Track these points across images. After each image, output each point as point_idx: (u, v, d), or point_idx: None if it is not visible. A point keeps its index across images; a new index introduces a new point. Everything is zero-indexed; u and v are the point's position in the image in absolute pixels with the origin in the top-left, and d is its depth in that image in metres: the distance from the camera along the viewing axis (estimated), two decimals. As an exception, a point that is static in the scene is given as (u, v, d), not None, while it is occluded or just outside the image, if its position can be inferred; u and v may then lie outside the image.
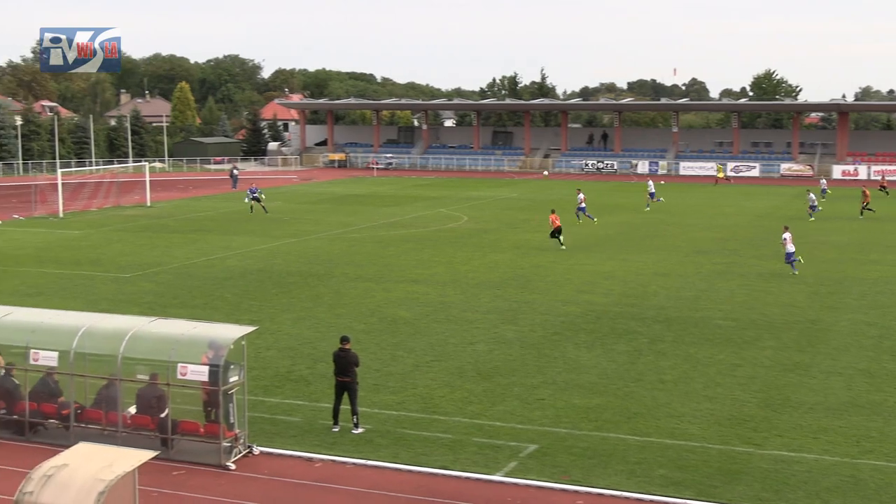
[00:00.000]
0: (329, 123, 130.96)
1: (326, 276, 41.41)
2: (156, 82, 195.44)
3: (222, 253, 48.30)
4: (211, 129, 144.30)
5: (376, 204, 73.50)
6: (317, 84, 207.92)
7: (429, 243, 51.65)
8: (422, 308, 34.66)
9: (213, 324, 23.52)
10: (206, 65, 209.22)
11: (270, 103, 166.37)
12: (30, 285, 39.54)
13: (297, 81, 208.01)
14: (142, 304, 35.25)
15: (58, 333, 21.91)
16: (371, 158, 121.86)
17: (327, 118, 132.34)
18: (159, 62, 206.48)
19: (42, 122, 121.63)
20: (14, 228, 59.71)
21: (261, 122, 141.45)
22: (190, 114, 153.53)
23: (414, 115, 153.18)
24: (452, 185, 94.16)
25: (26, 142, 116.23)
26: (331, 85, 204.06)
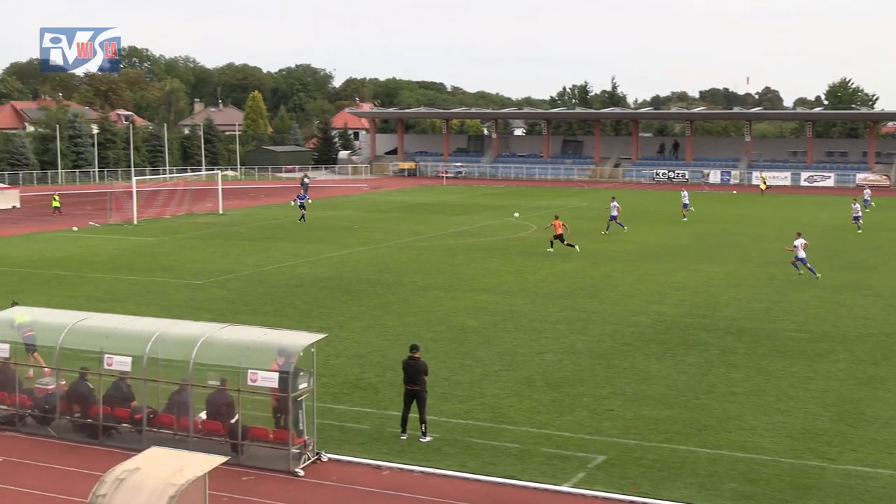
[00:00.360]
0: (399, 132, 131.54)
1: (395, 284, 41.54)
2: (229, 91, 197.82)
3: (293, 260, 48.69)
4: (282, 137, 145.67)
5: (445, 213, 73.64)
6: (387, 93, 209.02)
7: (498, 252, 51.59)
8: (490, 317, 34.62)
9: (284, 331, 23.71)
10: (278, 74, 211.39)
11: (341, 112, 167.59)
12: (104, 291, 40.20)
13: (368, 90, 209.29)
14: (213, 310, 35.65)
15: (131, 339, 22.22)
16: (440, 167, 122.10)
17: (397, 127, 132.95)
18: (232, 72, 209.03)
19: (118, 130, 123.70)
20: (90, 235, 60.76)
21: (332, 130, 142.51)
22: (262, 122, 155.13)
23: (484, 123, 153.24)
24: (522, 194, 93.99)
25: (102, 150, 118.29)
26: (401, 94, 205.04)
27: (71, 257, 50.60)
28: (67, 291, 40.07)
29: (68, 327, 22.72)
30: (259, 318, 33.35)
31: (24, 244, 56.41)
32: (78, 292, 39.81)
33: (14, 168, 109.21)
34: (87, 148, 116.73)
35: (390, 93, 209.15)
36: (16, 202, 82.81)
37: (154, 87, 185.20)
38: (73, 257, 50.59)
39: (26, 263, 48.36)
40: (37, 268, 46.87)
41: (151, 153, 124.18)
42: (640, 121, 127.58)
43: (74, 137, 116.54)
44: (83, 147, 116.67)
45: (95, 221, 68.26)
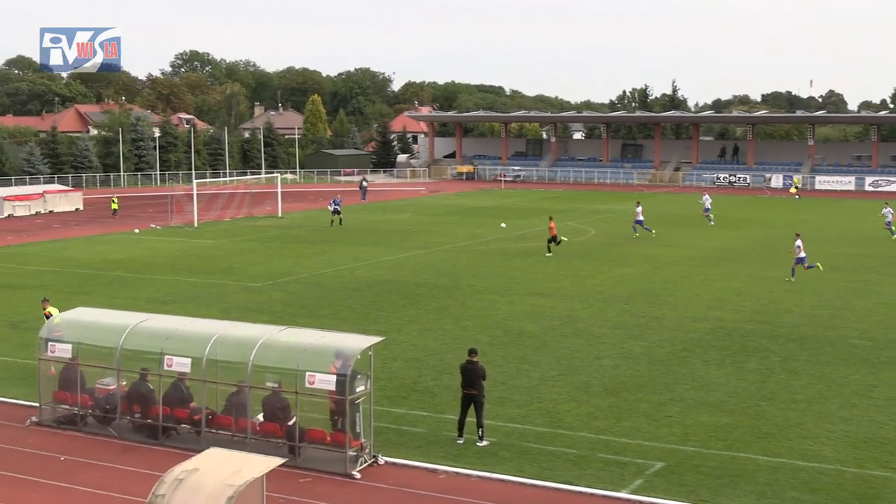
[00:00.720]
0: (458, 136, 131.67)
1: (453, 287, 41.57)
2: (289, 95, 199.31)
3: (351, 263, 48.91)
4: (341, 141, 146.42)
5: (503, 216, 73.58)
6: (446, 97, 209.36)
7: (555, 257, 51.43)
8: (548, 321, 34.52)
9: (341, 334, 23.82)
10: (337, 78, 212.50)
11: (400, 116, 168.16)
12: (165, 293, 40.67)
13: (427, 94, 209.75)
14: (272, 312, 35.92)
15: (191, 340, 22.44)
16: (499, 171, 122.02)
17: (456, 130, 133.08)
18: (292, 75, 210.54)
19: (179, 134, 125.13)
20: (151, 237, 61.51)
21: (390, 134, 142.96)
22: (321, 126, 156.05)
23: (542, 127, 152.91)
24: (580, 198, 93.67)
25: (164, 153, 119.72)
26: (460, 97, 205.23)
27: (132, 259, 51.26)
28: (129, 293, 40.59)
29: (129, 328, 23.00)
30: (316, 321, 33.53)
31: (87, 246, 57.24)
32: (139, 294, 40.31)
33: (77, 171, 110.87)
34: (148, 151, 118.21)
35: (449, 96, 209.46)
36: (79, 204, 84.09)
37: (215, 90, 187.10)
38: (134, 259, 51.25)
39: (89, 265, 49.07)
40: (100, 269, 47.54)
41: (212, 156, 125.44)
42: (701, 124, 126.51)
43: (137, 140, 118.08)
44: (145, 150, 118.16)
45: (156, 224, 69.10)
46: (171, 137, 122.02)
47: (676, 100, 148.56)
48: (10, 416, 23.90)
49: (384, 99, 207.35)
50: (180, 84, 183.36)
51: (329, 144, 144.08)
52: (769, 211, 78.31)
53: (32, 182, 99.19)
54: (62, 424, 23.16)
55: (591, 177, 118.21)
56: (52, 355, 23.55)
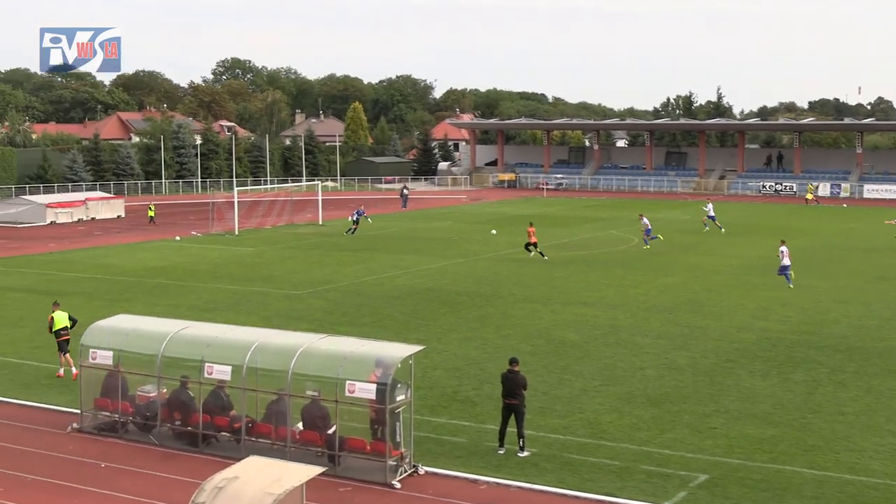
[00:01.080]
0: (499, 143, 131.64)
1: (494, 296, 41.54)
2: (330, 102, 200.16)
3: (391, 272, 49.01)
4: (382, 148, 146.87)
5: (545, 224, 73.42)
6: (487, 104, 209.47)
7: (598, 265, 51.28)
8: (590, 331, 34.41)
9: (382, 342, 23.87)
10: (378, 85, 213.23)
11: (441, 123, 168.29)
12: (205, 300, 40.94)
13: (468, 101, 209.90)
14: (312, 320, 36.05)
15: (231, 348, 22.57)
16: (541, 179, 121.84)
17: (498, 138, 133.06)
18: (334, 83, 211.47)
19: (220, 141, 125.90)
20: (192, 245, 61.96)
21: (431, 141, 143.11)
22: (362, 133, 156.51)
23: (585, 135, 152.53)
24: (623, 206, 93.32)
25: (205, 160, 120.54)
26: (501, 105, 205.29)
27: (174, 266, 51.66)
28: (170, 300, 40.90)
29: (170, 336, 23.17)
30: (357, 329, 33.62)
31: (128, 253, 57.75)
32: (180, 301, 40.61)
33: (119, 178, 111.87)
34: (190, 158, 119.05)
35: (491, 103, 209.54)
36: (121, 212, 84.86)
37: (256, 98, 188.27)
38: (175, 266, 51.64)
39: (131, 272, 49.51)
40: (141, 276, 47.95)
41: (253, 164, 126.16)
42: (747, 132, 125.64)
43: (178, 148, 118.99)
44: (186, 157, 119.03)
45: (197, 231, 69.58)
46: (212, 145, 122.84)
47: (721, 107, 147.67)
48: (52, 423, 24.15)
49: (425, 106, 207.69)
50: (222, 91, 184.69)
51: (370, 152, 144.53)
52: (816, 220, 77.62)
53: (75, 189, 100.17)
54: (103, 431, 23.36)
55: (635, 185, 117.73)
56: (94, 362, 23.77)
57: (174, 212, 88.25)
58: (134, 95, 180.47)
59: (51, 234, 69.50)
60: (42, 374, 28.79)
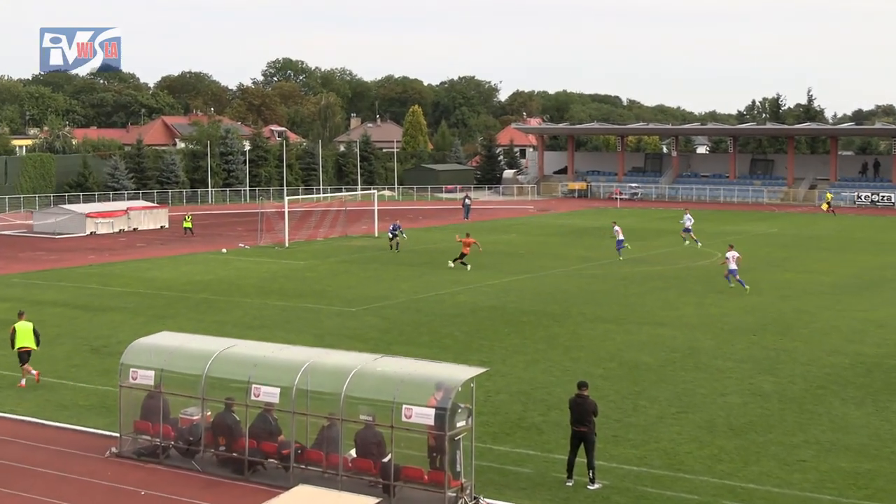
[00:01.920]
0: (570, 150, 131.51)
1: (563, 315, 41.41)
2: (387, 106, 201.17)
3: (452, 287, 49.05)
4: (443, 155, 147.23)
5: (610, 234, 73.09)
6: (557, 107, 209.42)
7: (676, 282, 50.93)
8: (667, 353, 34.17)
9: (441, 364, 23.86)
10: (439, 87, 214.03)
11: (507, 128, 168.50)
12: (253, 317, 41.25)
13: (536, 104, 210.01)
14: (367, 339, 36.17)
15: (280, 369, 22.66)
16: (614, 188, 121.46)
17: (568, 144, 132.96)
18: (391, 85, 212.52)
19: (270, 147, 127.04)
20: (239, 257, 62.49)
21: (496, 147, 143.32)
22: (422, 139, 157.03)
23: (662, 140, 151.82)
24: (704, 218, 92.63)
25: (254, 168, 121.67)
26: (572, 108, 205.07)
27: (220, 280, 52.14)
28: (216, 316, 41.27)
29: (215, 355, 23.33)
30: (415, 350, 33.68)
31: (172, 266, 58.39)
32: (226, 317, 40.96)
33: (163, 186, 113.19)
34: (238, 165, 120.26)
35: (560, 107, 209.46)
36: (164, 222, 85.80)
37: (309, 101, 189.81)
38: (221, 280, 52.12)
39: (175, 286, 50.04)
40: (185, 291, 48.45)
41: (305, 171, 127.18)
42: (840, 137, 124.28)
43: (225, 154, 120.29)
44: (234, 164, 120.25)
45: (245, 243, 70.16)
46: (261, 151, 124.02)
47: (812, 110, 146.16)
48: (90, 447, 24.41)
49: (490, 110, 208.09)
50: (272, 94, 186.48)
51: (430, 159, 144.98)
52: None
53: (116, 198, 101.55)
54: (143, 456, 23.56)
55: (717, 195, 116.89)
56: (134, 382, 23.98)
57: (221, 222, 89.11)
58: (179, 98, 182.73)
59: (91, 246, 70.47)
60: (80, 395, 29.14)
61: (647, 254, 63.22)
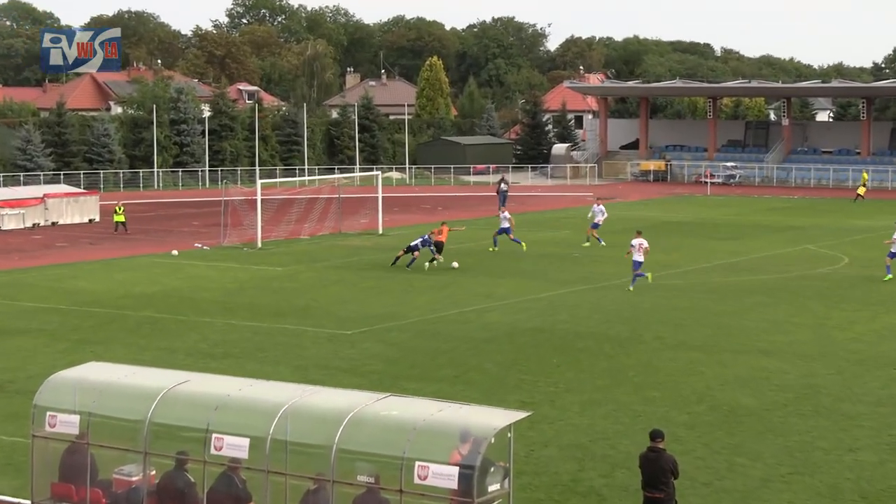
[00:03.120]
0: (642, 117, 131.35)
1: (632, 340, 41.33)
2: (396, 57, 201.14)
3: (481, 303, 49.02)
4: (471, 123, 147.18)
5: (708, 236, 72.98)
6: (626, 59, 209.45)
7: (787, 296, 50.78)
8: (775, 393, 34.06)
9: (467, 406, 23.80)
10: (467, 33, 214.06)
11: (557, 88, 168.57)
12: (214, 342, 41.28)
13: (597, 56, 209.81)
14: (367, 373, 36.16)
15: (250, 412, 22.62)
16: (703, 168, 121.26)
17: (640, 109, 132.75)
18: (401, 29, 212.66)
19: (238, 113, 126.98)
20: (196, 262, 62.53)
21: (542, 114, 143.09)
22: (442, 102, 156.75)
23: (769, 104, 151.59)
24: (826, 208, 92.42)
25: (216, 141, 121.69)
26: (646, 60, 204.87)
27: (169, 293, 52.22)
28: (163, 341, 41.34)
29: (162, 394, 23.29)
30: (432, 387, 33.66)
31: (104, 274, 58.50)
32: (177, 343, 41.01)
33: (93, 165, 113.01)
34: (194, 137, 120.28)
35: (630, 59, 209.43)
36: (94, 214, 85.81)
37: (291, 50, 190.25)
38: (171, 293, 52.20)
39: (107, 301, 50.13)
40: (122, 307, 48.54)
41: (285, 145, 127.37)
42: None
43: (178, 123, 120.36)
44: (189, 136, 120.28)
45: (204, 243, 70.21)
46: (226, 118, 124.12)
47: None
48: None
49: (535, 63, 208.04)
50: (240, 42, 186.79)
51: (453, 129, 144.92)
52: None
53: (29, 181, 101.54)
54: (66, 530, 23.58)
55: (843, 177, 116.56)
56: (52, 430, 23.94)
57: (171, 214, 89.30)
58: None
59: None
60: (-20, 447, 29.15)
61: (747, 257, 63.01)
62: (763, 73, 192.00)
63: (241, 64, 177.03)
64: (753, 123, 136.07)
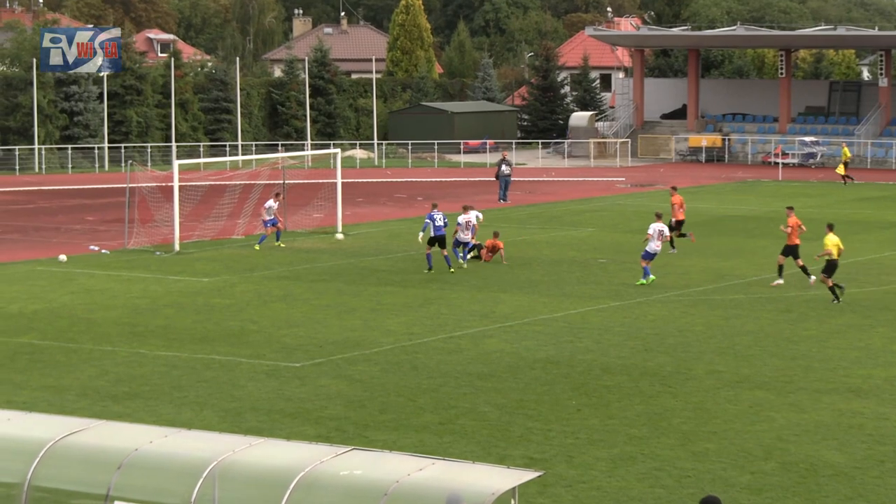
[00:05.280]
0: (691, 76, 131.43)
1: (677, 375, 41.37)
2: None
3: (476, 325, 49.07)
4: (461, 85, 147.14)
5: (780, 235, 73.08)
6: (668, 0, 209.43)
7: (887, 316, 50.85)
8: (869, 446, 34.10)
9: (457, 463, 23.87)
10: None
11: (577, 36, 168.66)
12: (117, 378, 41.20)
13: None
14: (322, 419, 36.17)
15: (165, 473, 22.67)
16: (774, 145, 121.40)
17: (688, 66, 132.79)
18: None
19: (147, 70, 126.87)
20: (92, 271, 62.41)
21: (557, 71, 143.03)
22: (423, 55, 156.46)
23: (861, 59, 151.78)
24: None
25: (117, 107, 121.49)
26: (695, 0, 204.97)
27: (56, 312, 52.14)
28: (47, 378, 41.24)
29: (46, 449, 23.32)
30: (409, 437, 33.75)
31: (-32, 286, 58.43)
32: (67, 380, 40.92)
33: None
34: (88, 104, 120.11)
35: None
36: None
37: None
38: (59, 312, 52.12)
39: (-28, 323, 50.08)
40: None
41: (210, 114, 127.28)
42: None
43: (66, 84, 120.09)
44: (82, 101, 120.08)
45: (101, 245, 70.07)
46: (131, 77, 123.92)
47: None
48: None
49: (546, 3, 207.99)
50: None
51: (437, 92, 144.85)
52: None
53: None
54: None
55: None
56: None
57: (57, 207, 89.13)
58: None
59: None
60: None
61: (834, 264, 63.12)
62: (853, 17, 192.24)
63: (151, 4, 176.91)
64: (840, 84, 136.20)
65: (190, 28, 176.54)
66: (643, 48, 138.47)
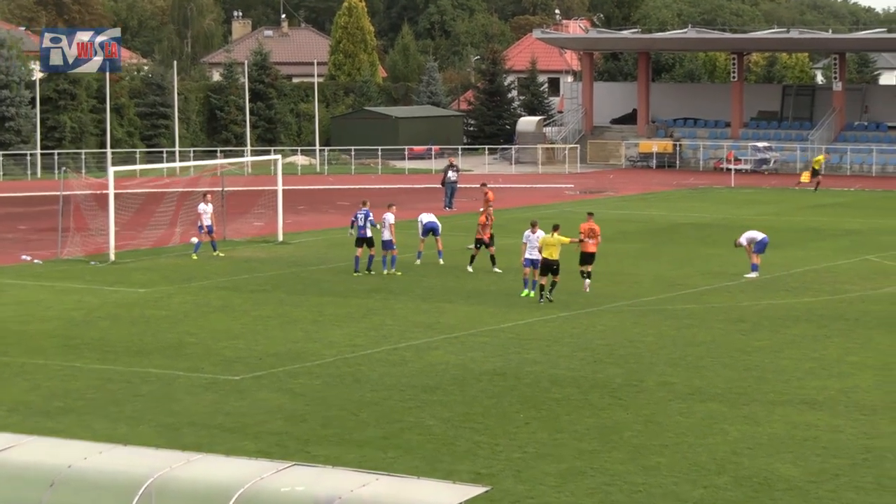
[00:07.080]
0: (642, 80, 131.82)
1: (627, 387, 41.47)
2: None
3: (421, 336, 49.08)
4: (406, 89, 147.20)
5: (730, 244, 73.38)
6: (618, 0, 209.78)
7: (841, 326, 51.05)
8: (824, 459, 34.23)
9: (401, 478, 23.87)
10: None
11: (524, 39, 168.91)
12: (50, 392, 41.09)
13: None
14: (262, 434, 36.15)
15: (99, 491, 22.61)
16: (725, 150, 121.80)
17: (638, 69, 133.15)
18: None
19: (82, 75, 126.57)
20: (24, 282, 62.24)
21: (505, 75, 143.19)
22: (366, 59, 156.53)
23: (815, 63, 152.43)
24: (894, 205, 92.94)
25: (51, 113, 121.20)
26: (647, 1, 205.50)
27: (-14, 325, 51.98)
28: (-22, 392, 41.13)
29: (-23, 465, 23.26)
30: (352, 453, 33.74)
31: None
32: (2, 395, 40.77)
33: None
34: (20, 109, 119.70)
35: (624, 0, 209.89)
36: None
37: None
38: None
39: None
40: (-81, 345, 48.31)
41: (147, 119, 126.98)
42: None
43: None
44: (11, 106, 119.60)
45: (33, 256, 69.87)
46: (65, 82, 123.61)
47: None
48: None
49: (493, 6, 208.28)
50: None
51: (381, 97, 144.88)
52: None
53: None
54: None
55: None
56: None
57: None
58: None
59: None
60: None
61: (787, 272, 63.27)
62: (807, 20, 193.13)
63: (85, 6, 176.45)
64: (794, 89, 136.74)
65: (126, 30, 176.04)
66: (592, 51, 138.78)
